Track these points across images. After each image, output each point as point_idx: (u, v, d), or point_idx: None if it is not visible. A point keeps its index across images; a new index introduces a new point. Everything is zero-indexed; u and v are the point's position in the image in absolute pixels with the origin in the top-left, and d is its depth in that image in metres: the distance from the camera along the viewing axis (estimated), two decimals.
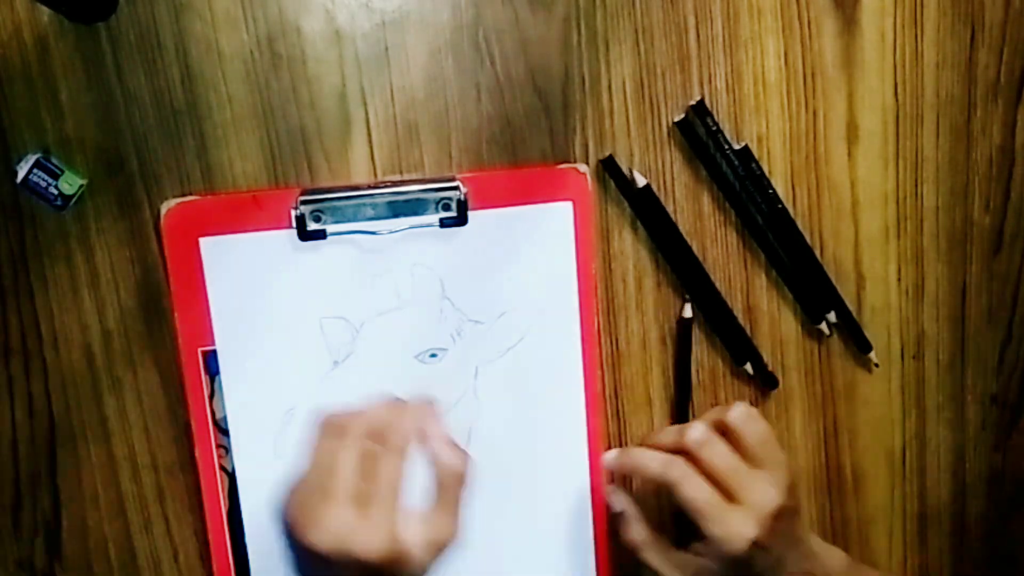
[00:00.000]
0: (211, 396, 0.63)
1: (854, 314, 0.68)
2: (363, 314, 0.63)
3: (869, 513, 0.72)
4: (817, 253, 0.67)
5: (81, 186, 0.60)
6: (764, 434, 0.61)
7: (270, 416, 0.63)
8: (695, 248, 0.66)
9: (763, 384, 0.68)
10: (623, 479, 0.68)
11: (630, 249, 0.66)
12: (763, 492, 0.59)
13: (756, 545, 0.58)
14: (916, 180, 0.68)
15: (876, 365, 0.70)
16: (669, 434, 0.63)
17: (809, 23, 0.64)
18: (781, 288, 0.68)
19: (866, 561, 0.72)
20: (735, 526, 0.58)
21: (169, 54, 0.60)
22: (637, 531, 0.64)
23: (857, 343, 0.69)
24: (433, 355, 0.64)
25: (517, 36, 0.62)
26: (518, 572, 0.67)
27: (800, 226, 0.66)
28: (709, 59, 0.64)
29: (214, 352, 0.62)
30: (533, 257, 0.64)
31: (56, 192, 0.59)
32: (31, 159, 0.59)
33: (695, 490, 0.59)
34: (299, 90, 0.61)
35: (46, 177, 0.59)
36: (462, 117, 0.63)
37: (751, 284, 0.67)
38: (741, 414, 0.61)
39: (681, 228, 0.66)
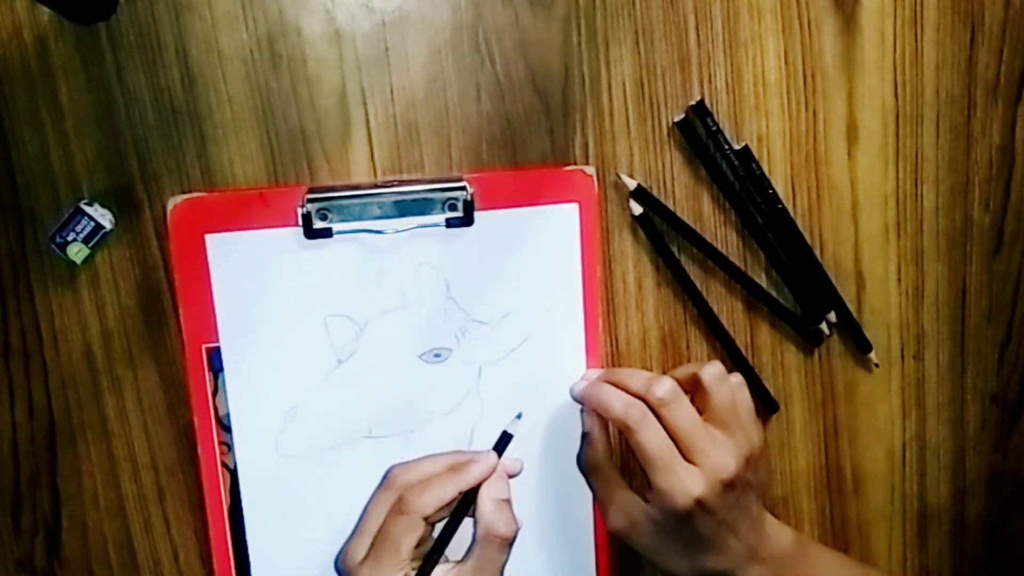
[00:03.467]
0: (214, 393, 0.63)
1: (854, 314, 0.68)
2: (367, 313, 0.63)
3: (869, 513, 0.72)
4: (817, 253, 0.67)
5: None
6: (732, 398, 0.60)
7: (273, 414, 0.63)
8: (695, 248, 0.66)
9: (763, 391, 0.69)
10: None
11: (630, 249, 0.66)
12: (720, 458, 0.58)
13: (701, 506, 0.57)
14: (916, 180, 0.68)
15: (876, 365, 0.69)
16: (638, 379, 0.61)
17: (809, 23, 0.64)
18: (781, 288, 0.68)
19: (866, 561, 0.72)
20: (683, 482, 0.57)
21: (169, 54, 0.60)
22: (594, 455, 0.64)
23: (857, 343, 0.69)
24: (437, 355, 0.64)
25: (517, 36, 0.62)
26: (518, 572, 0.67)
27: (800, 226, 0.66)
28: (709, 59, 0.64)
29: (218, 349, 0.62)
30: (538, 258, 0.64)
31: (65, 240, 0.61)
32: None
33: (650, 438, 0.58)
34: (299, 90, 0.61)
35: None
36: (462, 117, 0.63)
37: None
38: (715, 374, 0.60)
39: (677, 231, 0.66)
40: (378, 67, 0.62)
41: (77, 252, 0.60)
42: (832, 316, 0.68)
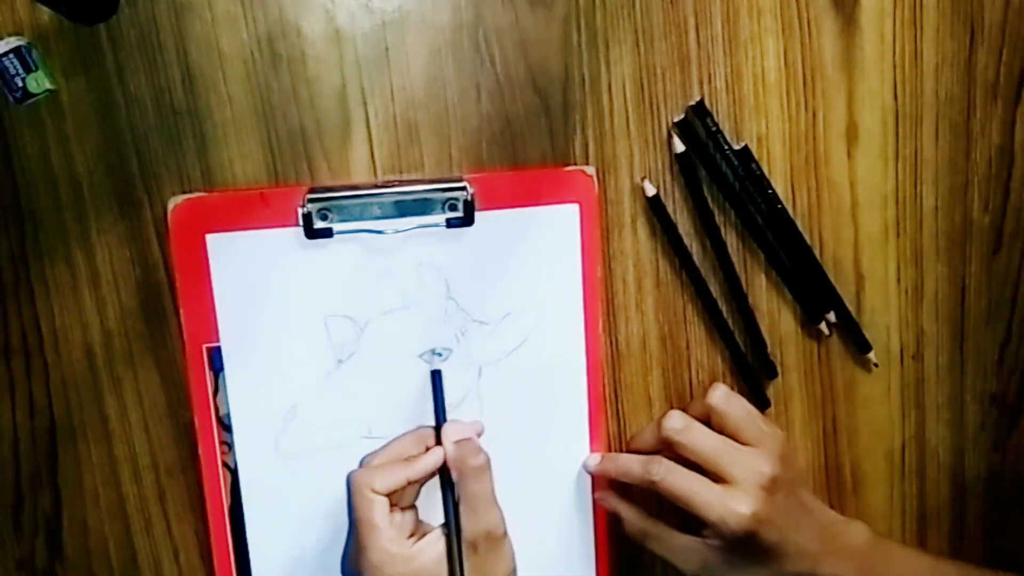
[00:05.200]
0: (215, 393, 0.63)
1: (854, 314, 0.68)
2: (368, 313, 0.63)
3: (869, 513, 0.72)
4: (817, 253, 0.67)
5: (47, 91, 0.59)
6: (747, 411, 0.62)
7: (273, 413, 0.64)
8: (695, 249, 0.66)
9: (763, 374, 0.69)
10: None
11: (630, 249, 0.66)
12: (752, 466, 0.59)
13: (757, 520, 0.58)
14: (916, 180, 0.68)
15: (876, 365, 0.69)
16: (649, 432, 0.64)
17: (809, 23, 0.64)
18: (781, 288, 0.68)
19: None
20: (730, 506, 0.58)
21: (169, 54, 0.60)
22: (635, 525, 0.64)
23: (857, 343, 0.69)
24: (437, 355, 0.64)
25: (517, 36, 0.62)
26: (519, 571, 0.67)
27: (800, 226, 0.66)
28: (709, 59, 0.64)
29: (218, 348, 0.62)
30: (539, 258, 0.64)
31: (20, 84, 0.59)
32: (13, 43, 0.58)
33: (679, 481, 0.60)
34: (299, 90, 0.62)
35: (18, 66, 0.58)
36: (462, 117, 0.63)
37: (751, 284, 0.67)
38: (721, 395, 0.62)
39: (681, 229, 0.66)
40: (378, 67, 0.62)
41: (37, 83, 0.59)
42: (832, 316, 0.68)
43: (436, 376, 0.64)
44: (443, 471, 0.61)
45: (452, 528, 0.60)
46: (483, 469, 0.61)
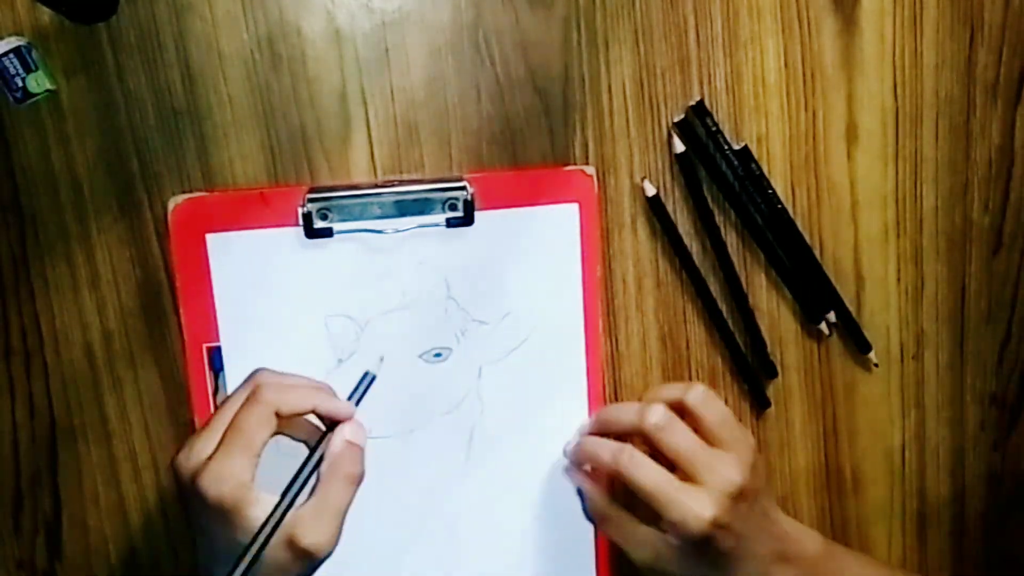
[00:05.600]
0: (215, 392, 0.63)
1: (854, 314, 0.68)
2: (368, 312, 0.63)
3: (869, 513, 0.72)
4: (817, 253, 0.67)
5: (47, 90, 0.59)
6: (724, 414, 0.61)
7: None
8: (695, 249, 0.66)
9: (763, 374, 0.69)
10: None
11: (630, 249, 0.66)
12: (724, 473, 0.59)
13: (716, 526, 0.57)
14: (916, 180, 0.68)
15: (876, 365, 0.69)
16: (629, 411, 0.62)
17: (809, 23, 0.64)
18: (781, 288, 0.68)
19: None
20: (693, 508, 0.58)
21: (169, 54, 0.60)
22: (596, 505, 0.64)
23: (857, 343, 0.69)
24: (437, 355, 0.64)
25: (517, 36, 0.62)
26: (519, 571, 0.67)
27: (800, 226, 0.66)
28: (709, 59, 0.64)
29: (218, 348, 0.62)
30: (538, 258, 0.64)
31: (20, 84, 0.59)
32: (13, 43, 0.58)
33: (646, 476, 0.59)
34: (299, 90, 0.62)
35: (18, 66, 0.58)
36: (462, 117, 0.63)
37: (751, 284, 0.67)
38: (700, 395, 0.61)
39: (681, 229, 0.66)
40: (378, 67, 0.62)
41: (37, 83, 0.59)
42: (832, 316, 0.68)
43: (369, 379, 0.60)
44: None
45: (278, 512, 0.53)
46: (353, 480, 0.56)
